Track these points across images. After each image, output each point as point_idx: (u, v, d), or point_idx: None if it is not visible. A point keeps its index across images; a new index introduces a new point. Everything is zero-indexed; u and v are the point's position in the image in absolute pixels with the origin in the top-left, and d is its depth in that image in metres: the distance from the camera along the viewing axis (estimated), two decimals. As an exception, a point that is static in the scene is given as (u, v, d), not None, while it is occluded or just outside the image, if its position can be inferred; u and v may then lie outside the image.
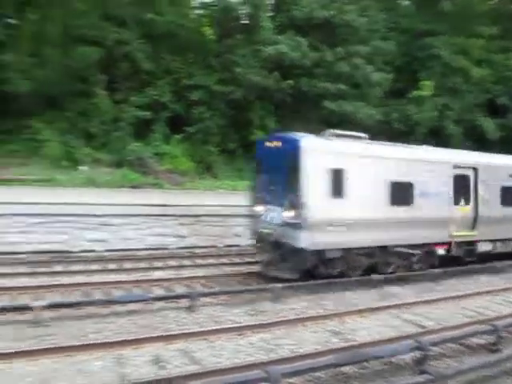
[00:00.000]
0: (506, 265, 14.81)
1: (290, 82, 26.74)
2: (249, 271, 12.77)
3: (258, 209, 12.24)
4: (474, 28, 33.57)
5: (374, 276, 11.90)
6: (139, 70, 27.15)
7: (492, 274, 14.04)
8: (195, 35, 30.22)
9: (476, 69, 32.17)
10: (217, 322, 8.77)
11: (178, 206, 18.65)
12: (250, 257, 14.21)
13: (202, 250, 15.81)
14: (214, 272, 12.76)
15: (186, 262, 14.20)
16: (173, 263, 13.90)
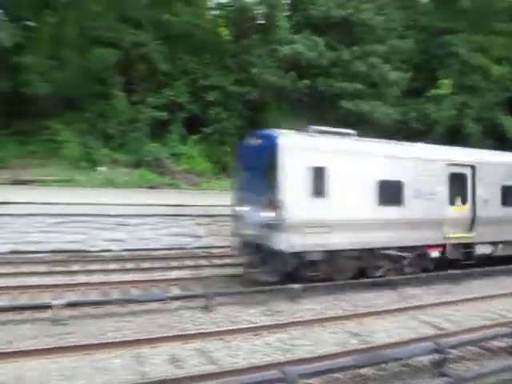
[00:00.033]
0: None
1: (307, 81, 26.59)
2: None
3: (240, 209, 11.75)
4: (493, 25, 32.99)
5: (392, 277, 11.76)
6: (156, 71, 27.32)
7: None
8: (211, 36, 30.32)
9: (496, 66, 31.56)
10: (233, 322, 8.79)
11: (195, 206, 18.72)
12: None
13: (219, 250, 15.85)
14: (231, 272, 12.78)
15: (202, 262, 14.28)
16: (189, 263, 14.00)
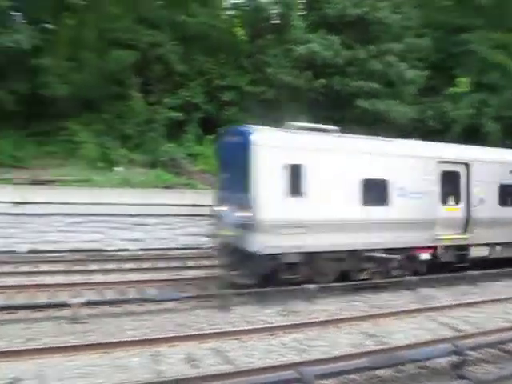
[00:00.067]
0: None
1: (322, 81, 26.45)
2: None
3: (218, 209, 11.26)
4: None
5: (408, 278, 11.63)
6: (172, 71, 27.45)
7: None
8: (227, 36, 30.36)
9: (516, 64, 31.06)
10: (249, 321, 8.81)
11: (211, 206, 18.75)
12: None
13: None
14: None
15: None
16: (206, 263, 14.04)
